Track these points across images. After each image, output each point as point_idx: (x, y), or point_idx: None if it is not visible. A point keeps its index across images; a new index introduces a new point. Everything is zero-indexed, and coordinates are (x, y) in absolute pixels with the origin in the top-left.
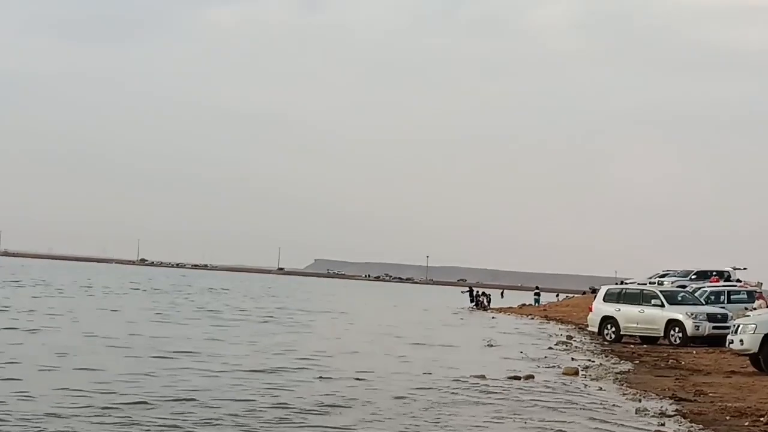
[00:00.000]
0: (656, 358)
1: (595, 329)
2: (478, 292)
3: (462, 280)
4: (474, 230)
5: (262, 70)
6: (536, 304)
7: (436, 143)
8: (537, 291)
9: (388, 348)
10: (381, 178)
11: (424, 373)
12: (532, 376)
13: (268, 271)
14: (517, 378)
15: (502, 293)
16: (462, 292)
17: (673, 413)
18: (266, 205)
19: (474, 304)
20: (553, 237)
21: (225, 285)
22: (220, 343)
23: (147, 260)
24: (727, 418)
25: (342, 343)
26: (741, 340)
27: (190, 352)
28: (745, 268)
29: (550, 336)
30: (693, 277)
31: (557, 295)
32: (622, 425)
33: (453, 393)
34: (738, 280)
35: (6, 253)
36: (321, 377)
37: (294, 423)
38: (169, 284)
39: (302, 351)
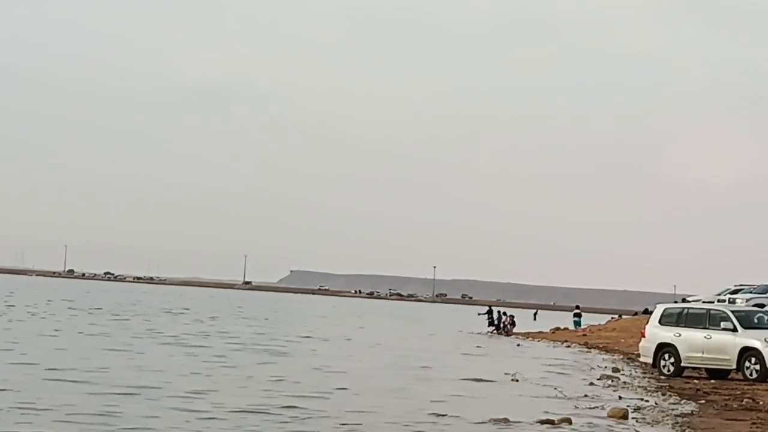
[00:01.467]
0: (727, 397)
1: (649, 360)
2: (499, 312)
3: (467, 295)
4: (494, 237)
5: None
6: (576, 328)
7: (443, 136)
8: (577, 311)
9: (385, 382)
10: (373, 175)
11: (431, 414)
12: (569, 420)
13: (232, 286)
14: (551, 422)
15: (535, 314)
16: (479, 314)
17: None
18: (229, 205)
19: (494, 327)
20: (595, 244)
21: (180, 303)
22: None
23: (75, 271)
24: None
25: (329, 377)
26: None
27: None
28: None
29: (592, 368)
30: None
31: (613, 318)
32: None
33: None
34: None
35: None
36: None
37: None
38: (112, 303)
39: (305, 385)
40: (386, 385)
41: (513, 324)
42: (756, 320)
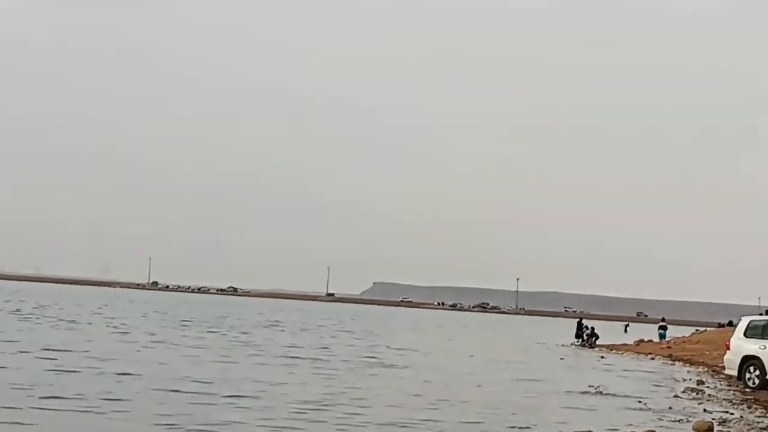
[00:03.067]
0: None
1: (734, 372)
2: (587, 326)
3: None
4: (577, 247)
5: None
6: (661, 340)
7: (522, 137)
8: (663, 324)
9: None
10: (457, 188)
11: (512, 428)
12: None
13: (315, 297)
14: None
15: (626, 327)
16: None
17: None
18: (312, 216)
19: (581, 340)
20: (680, 255)
21: (270, 316)
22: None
23: (159, 283)
24: None
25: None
26: None
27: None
28: None
29: (676, 381)
30: None
31: (697, 330)
32: None
33: None
34: None
35: None
36: None
37: None
38: (204, 316)
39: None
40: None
41: (596, 336)
42: None
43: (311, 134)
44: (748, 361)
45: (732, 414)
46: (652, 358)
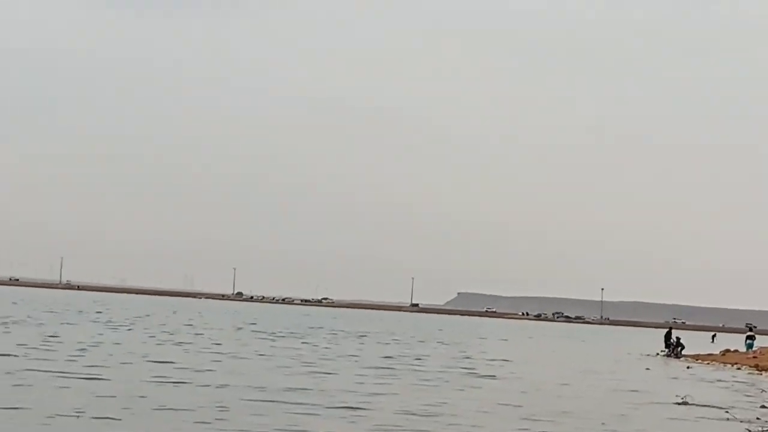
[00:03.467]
0: None
1: None
2: (674, 336)
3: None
4: (661, 255)
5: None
6: (748, 350)
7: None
8: (750, 333)
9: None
10: (539, 195)
11: None
12: None
13: (399, 308)
14: None
15: (713, 337)
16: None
17: None
18: (396, 227)
19: (670, 349)
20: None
21: (357, 327)
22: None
23: (244, 294)
24: None
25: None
26: None
27: None
28: None
29: (763, 391)
30: None
31: None
32: None
33: None
34: None
35: (69, 285)
36: None
37: None
38: (295, 326)
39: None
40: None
41: (681, 346)
42: None
43: (392, 146)
44: None
45: None
46: (738, 368)
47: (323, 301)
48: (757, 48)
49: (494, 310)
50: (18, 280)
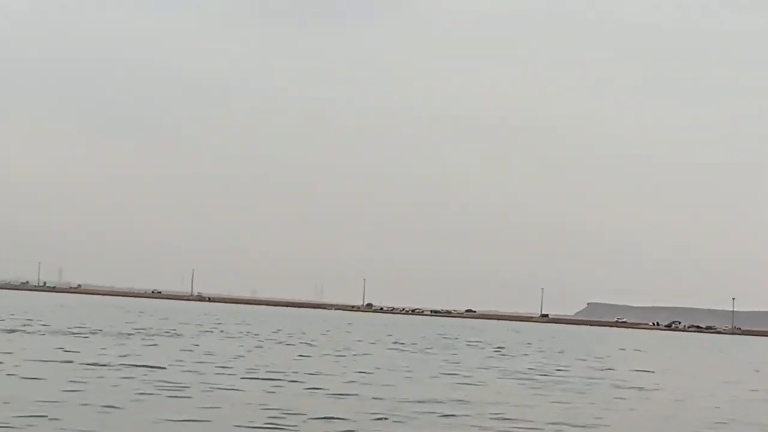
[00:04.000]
0: None
1: None
2: None
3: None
4: None
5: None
6: None
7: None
8: None
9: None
10: (671, 209)
11: None
12: None
13: (529, 318)
14: None
15: None
16: None
17: None
18: (524, 239)
19: None
20: None
21: (491, 338)
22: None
23: (373, 305)
24: None
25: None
26: None
27: None
28: None
29: None
30: None
31: None
32: None
33: None
34: None
35: (200, 297)
36: None
37: None
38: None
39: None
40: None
41: None
42: None
43: (510, 159)
44: None
45: None
46: None
47: (452, 312)
48: None
49: (624, 320)
50: (161, 292)
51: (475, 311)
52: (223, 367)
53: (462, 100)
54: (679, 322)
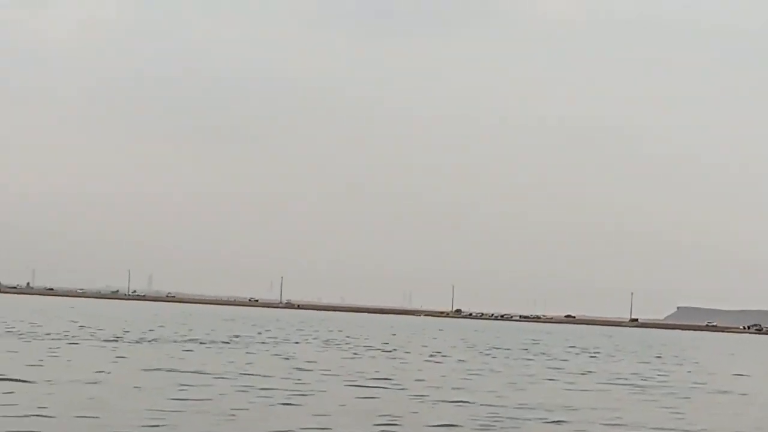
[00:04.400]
0: None
1: None
2: None
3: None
4: None
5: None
6: None
7: None
8: None
9: None
10: (758, 209)
11: None
12: None
13: (618, 323)
14: None
15: None
16: None
17: None
18: (613, 245)
19: None
20: None
21: (586, 343)
22: None
23: (462, 311)
24: None
25: None
26: None
27: None
28: None
29: None
30: None
31: None
32: None
33: None
34: None
35: (289, 305)
36: None
37: None
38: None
39: None
40: None
41: None
42: None
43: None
44: None
45: None
46: None
47: (540, 317)
48: None
49: (715, 324)
50: (257, 300)
51: (574, 317)
52: (326, 374)
53: (557, 107)
54: (760, 326)
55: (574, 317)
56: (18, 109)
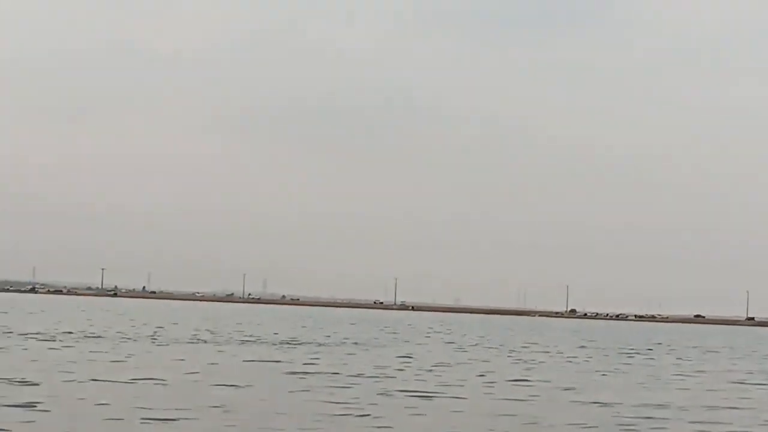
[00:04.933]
0: None
1: None
2: None
3: None
4: None
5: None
6: None
7: None
8: None
9: None
10: None
11: None
12: None
13: (734, 322)
14: None
15: None
16: None
17: None
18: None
19: None
20: None
21: (701, 342)
22: None
23: (577, 311)
24: None
25: None
26: None
27: None
28: None
29: None
30: None
31: None
32: None
33: None
34: None
35: (403, 306)
36: None
37: None
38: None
39: None
40: None
41: None
42: None
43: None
44: None
45: None
46: None
47: (656, 316)
48: None
49: None
50: (383, 303)
51: (704, 316)
52: (453, 374)
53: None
54: None
55: (704, 317)
56: (145, 117)
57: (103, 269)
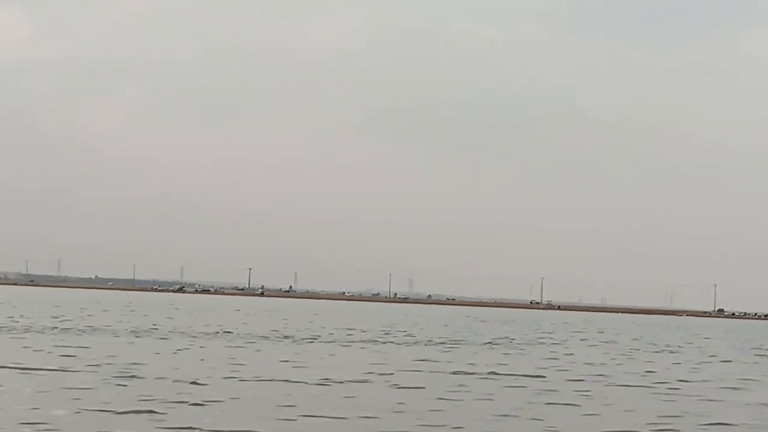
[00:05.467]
0: None
1: None
2: None
3: None
4: None
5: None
6: None
7: None
8: None
9: None
10: None
11: None
12: None
13: None
14: None
15: None
16: None
17: None
18: None
19: None
20: None
21: None
22: None
23: (725, 311)
24: None
25: None
26: None
27: None
28: None
29: None
30: None
31: None
32: None
33: None
34: None
35: (549, 306)
36: None
37: None
38: None
39: None
40: None
41: None
42: None
43: None
44: None
45: None
46: None
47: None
48: None
49: None
50: (539, 303)
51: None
52: (595, 374)
53: None
54: None
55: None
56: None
57: (250, 269)
